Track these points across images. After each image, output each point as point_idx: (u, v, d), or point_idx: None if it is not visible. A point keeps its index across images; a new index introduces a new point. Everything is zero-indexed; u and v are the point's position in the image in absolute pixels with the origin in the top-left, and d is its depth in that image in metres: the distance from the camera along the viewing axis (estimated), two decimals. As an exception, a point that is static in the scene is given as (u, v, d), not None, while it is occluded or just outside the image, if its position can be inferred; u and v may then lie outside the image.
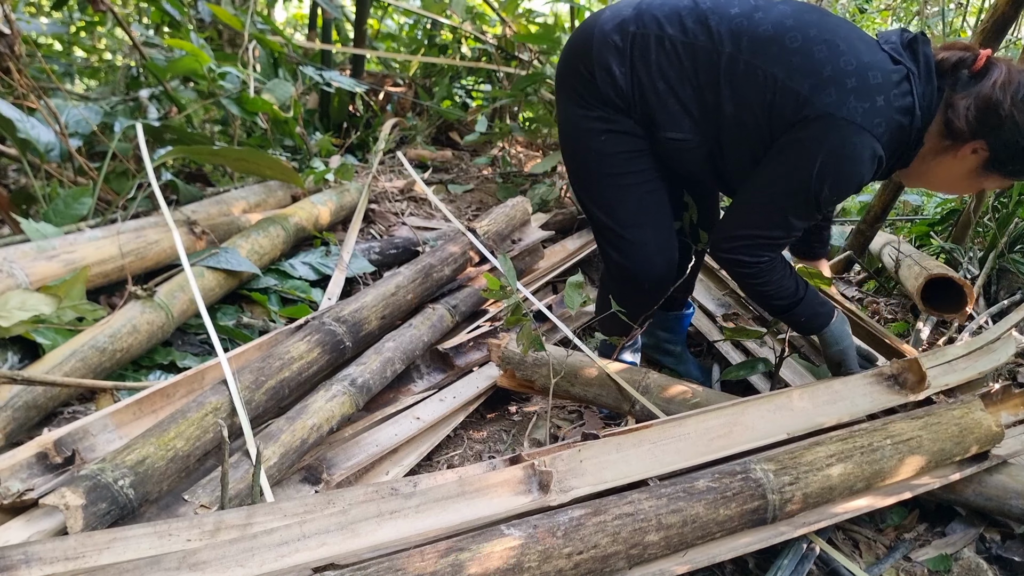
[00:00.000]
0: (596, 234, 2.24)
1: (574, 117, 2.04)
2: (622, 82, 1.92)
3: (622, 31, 1.91)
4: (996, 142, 1.74)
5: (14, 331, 1.83)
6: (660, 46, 1.88)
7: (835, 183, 1.79)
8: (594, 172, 2.07)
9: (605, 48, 1.92)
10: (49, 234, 2.20)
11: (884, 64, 1.75)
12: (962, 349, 2.15)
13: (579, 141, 2.06)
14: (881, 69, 1.74)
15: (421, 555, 1.18)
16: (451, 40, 5.02)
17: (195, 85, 3.44)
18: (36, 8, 5.06)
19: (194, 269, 2.21)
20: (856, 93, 1.71)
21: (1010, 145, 1.74)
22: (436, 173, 4.29)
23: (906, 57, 1.77)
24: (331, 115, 4.65)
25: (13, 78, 2.56)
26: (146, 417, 1.74)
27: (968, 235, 3.38)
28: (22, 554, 1.09)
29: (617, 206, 2.08)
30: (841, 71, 1.73)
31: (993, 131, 1.73)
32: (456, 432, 2.19)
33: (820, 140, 1.75)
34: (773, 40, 1.79)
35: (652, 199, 2.07)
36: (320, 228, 2.94)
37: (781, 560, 1.60)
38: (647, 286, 2.13)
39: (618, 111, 1.97)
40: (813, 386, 1.90)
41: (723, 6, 1.85)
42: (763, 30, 1.80)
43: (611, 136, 1.99)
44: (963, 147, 1.78)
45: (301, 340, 1.94)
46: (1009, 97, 1.69)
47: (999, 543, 1.81)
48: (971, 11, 5.49)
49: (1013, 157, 1.76)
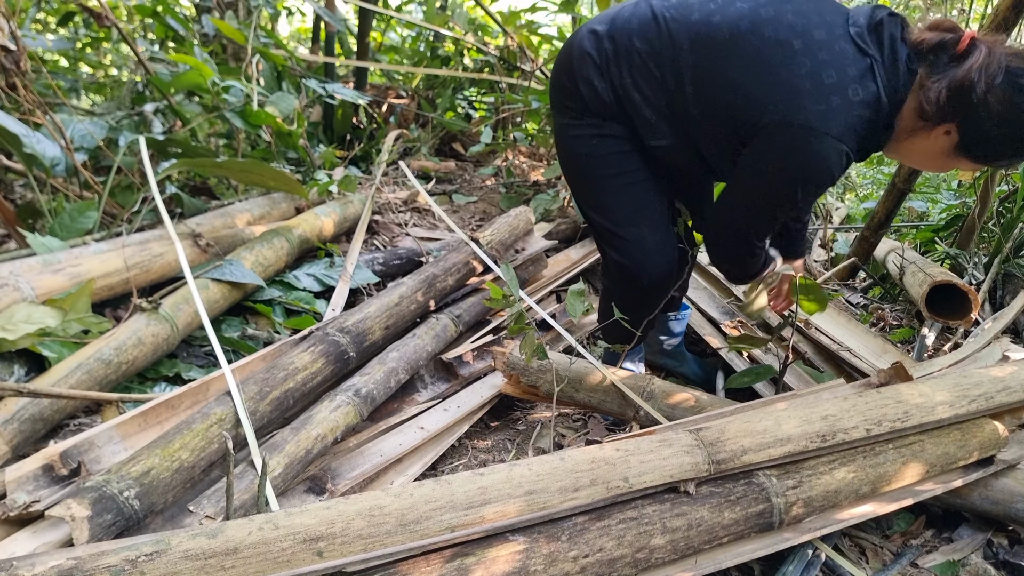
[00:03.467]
0: (596, 237, 2.26)
1: (566, 126, 2.11)
2: (604, 95, 1.98)
3: (599, 48, 1.98)
4: (966, 126, 1.72)
5: (20, 344, 1.84)
6: (631, 60, 1.93)
7: (806, 184, 1.83)
8: (589, 175, 2.10)
9: (584, 64, 1.99)
10: (55, 248, 2.21)
11: (841, 59, 1.74)
12: (948, 359, 2.15)
13: (573, 148, 2.11)
14: (837, 66, 1.73)
15: (427, 561, 1.18)
16: (454, 52, 5.05)
17: (199, 99, 3.46)
18: (42, 25, 5.10)
19: (199, 281, 2.22)
20: (810, 97, 1.72)
21: (980, 131, 1.71)
22: (439, 184, 4.30)
23: (871, 42, 1.76)
24: (335, 127, 4.67)
25: (19, 93, 2.58)
26: (151, 429, 1.75)
27: (973, 240, 3.38)
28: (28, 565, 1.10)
29: (612, 206, 2.10)
30: (794, 75, 1.73)
31: (964, 116, 1.71)
32: (461, 441, 2.19)
33: (783, 148, 1.78)
34: (729, 45, 1.80)
35: (647, 197, 2.10)
36: (324, 239, 2.96)
37: (787, 566, 1.59)
38: (646, 284, 2.14)
39: (606, 118, 2.02)
40: (803, 396, 1.90)
41: (684, 13, 1.89)
42: (720, 35, 1.82)
43: (602, 140, 2.05)
44: (935, 128, 1.77)
45: (305, 351, 1.95)
46: (984, 81, 1.65)
47: (1007, 548, 1.80)
48: (974, 17, 5.51)
49: (981, 143, 1.74)
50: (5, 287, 1.94)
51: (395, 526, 1.16)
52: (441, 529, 1.19)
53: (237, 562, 1.05)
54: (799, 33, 1.76)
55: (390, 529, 1.16)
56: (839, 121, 1.73)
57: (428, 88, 5.16)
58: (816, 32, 1.75)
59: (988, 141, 1.72)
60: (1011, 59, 1.66)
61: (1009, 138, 1.70)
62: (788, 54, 1.75)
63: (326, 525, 1.13)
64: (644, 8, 1.96)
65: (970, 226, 3.35)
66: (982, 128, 1.70)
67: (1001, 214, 3.48)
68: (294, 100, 3.54)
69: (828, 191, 7.32)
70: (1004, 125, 1.68)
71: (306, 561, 1.10)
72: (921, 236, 3.82)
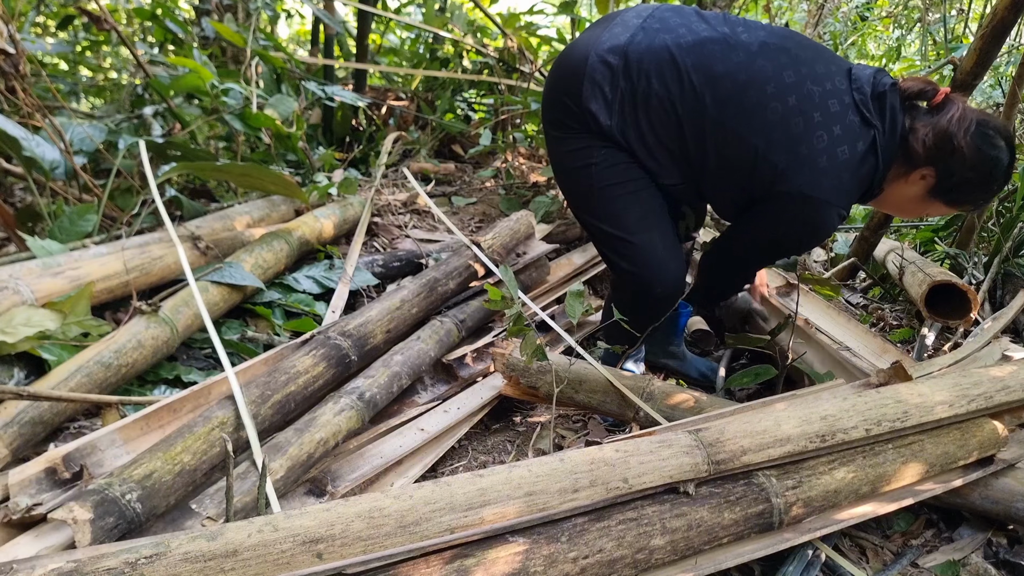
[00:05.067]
0: (603, 248, 2.24)
1: (562, 140, 2.12)
2: (614, 132, 2.02)
3: (612, 83, 1.98)
4: (944, 170, 1.97)
5: (20, 347, 1.84)
6: (648, 103, 1.97)
7: (809, 241, 2.13)
8: (594, 187, 2.09)
9: (592, 98, 2.00)
10: (54, 251, 2.21)
11: (852, 133, 1.92)
12: (948, 359, 2.16)
13: (573, 163, 2.11)
14: (849, 142, 1.92)
15: (427, 563, 1.18)
16: (453, 54, 5.05)
17: (199, 102, 3.47)
18: (42, 28, 5.10)
19: (199, 284, 2.22)
20: (827, 174, 1.92)
21: (955, 174, 1.96)
22: (439, 186, 4.31)
23: (874, 111, 1.94)
24: (334, 130, 4.68)
25: (18, 97, 2.58)
26: (153, 432, 1.75)
27: (973, 240, 3.38)
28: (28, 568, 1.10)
29: (621, 214, 2.09)
30: (814, 150, 1.91)
31: (943, 160, 1.95)
32: (461, 443, 2.19)
33: (793, 214, 2.01)
34: (756, 111, 1.92)
35: (653, 203, 2.11)
36: (324, 242, 2.96)
37: (787, 567, 1.59)
38: (659, 292, 2.14)
39: (609, 143, 2.05)
40: (803, 396, 1.90)
41: (706, 62, 1.94)
42: (747, 100, 1.92)
43: (605, 151, 2.05)
44: (914, 172, 2.01)
45: (307, 355, 1.95)
46: (962, 131, 1.91)
47: (1007, 548, 1.80)
48: (972, 17, 5.51)
49: (955, 186, 1.99)
50: (5, 290, 1.94)
51: (395, 528, 1.16)
52: (441, 531, 1.19)
53: (237, 564, 1.06)
54: (817, 104, 1.92)
55: (390, 531, 1.16)
56: (846, 194, 1.98)
57: (427, 90, 5.16)
58: (831, 103, 1.92)
59: (960, 184, 1.98)
60: (979, 115, 1.96)
61: (977, 182, 1.97)
62: (809, 127, 1.91)
63: (326, 527, 1.13)
64: (660, 47, 1.96)
65: (970, 226, 3.35)
66: (956, 172, 1.96)
67: (1001, 214, 3.48)
68: (293, 103, 3.55)
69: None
70: (974, 170, 1.94)
71: (306, 563, 1.10)
72: (921, 236, 3.82)
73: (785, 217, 2.03)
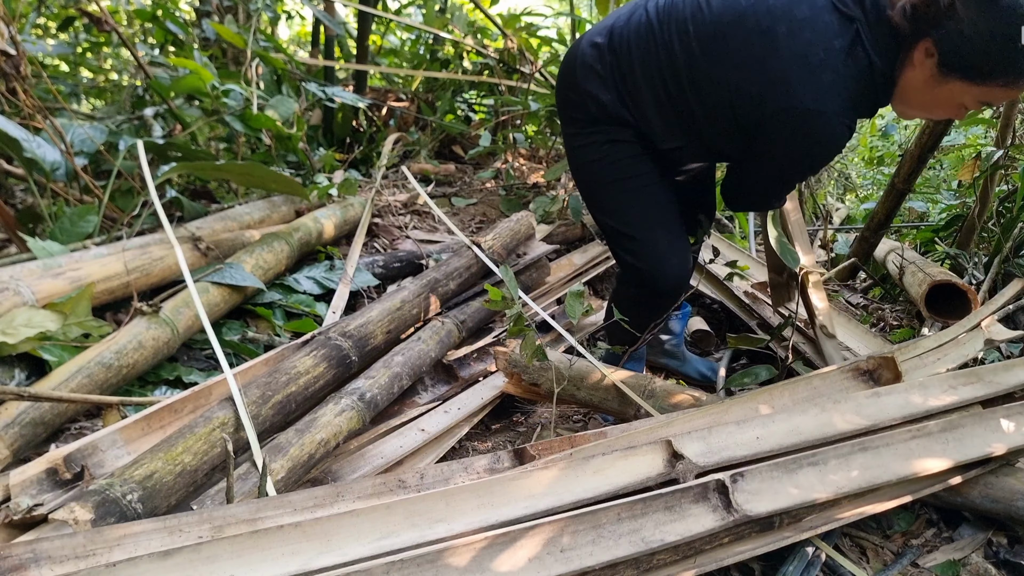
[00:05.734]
0: (610, 243, 2.25)
1: (575, 136, 2.12)
2: (612, 108, 2.00)
3: (601, 60, 2.00)
4: (942, 35, 1.65)
5: (21, 348, 1.85)
6: (632, 69, 1.96)
7: (815, 159, 1.94)
8: (601, 180, 2.10)
9: (588, 78, 2.01)
10: (55, 252, 2.22)
11: (826, 33, 1.74)
12: (932, 341, 2.13)
13: (583, 156, 2.12)
14: (823, 42, 1.74)
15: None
16: (453, 55, 5.05)
17: (199, 103, 3.47)
18: (43, 30, 5.11)
19: (199, 285, 2.22)
20: (801, 81, 1.75)
21: (955, 37, 1.64)
22: (439, 187, 4.31)
23: (853, 4, 1.75)
24: (334, 131, 4.68)
25: (19, 98, 2.59)
26: (154, 433, 1.75)
27: (973, 240, 3.37)
28: (31, 552, 1.10)
29: (626, 209, 2.10)
30: (783, 62, 1.76)
31: (936, 25, 1.65)
32: (461, 443, 2.19)
33: (787, 134, 1.84)
34: (717, 42, 1.84)
35: (659, 199, 2.10)
36: (324, 243, 2.96)
37: (787, 566, 1.59)
38: (662, 287, 2.14)
39: (614, 125, 2.04)
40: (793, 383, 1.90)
41: (673, 14, 1.91)
42: (706, 33, 1.85)
43: (612, 145, 2.05)
44: (915, 52, 1.73)
45: (307, 355, 1.95)
46: None
47: (1007, 547, 1.80)
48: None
49: (962, 52, 1.65)
50: (6, 291, 1.94)
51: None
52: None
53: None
54: (780, 17, 1.77)
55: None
56: (834, 97, 1.76)
57: (428, 91, 5.16)
58: (798, 11, 1.76)
59: (968, 46, 1.64)
60: None
61: (989, 38, 1.61)
62: (772, 43, 1.77)
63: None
64: (640, 14, 1.98)
65: (970, 226, 3.35)
66: (958, 31, 1.63)
67: (1001, 214, 3.48)
68: (294, 104, 3.55)
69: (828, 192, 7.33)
70: (979, 23, 1.61)
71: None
72: (921, 236, 3.82)
73: (780, 142, 1.87)
